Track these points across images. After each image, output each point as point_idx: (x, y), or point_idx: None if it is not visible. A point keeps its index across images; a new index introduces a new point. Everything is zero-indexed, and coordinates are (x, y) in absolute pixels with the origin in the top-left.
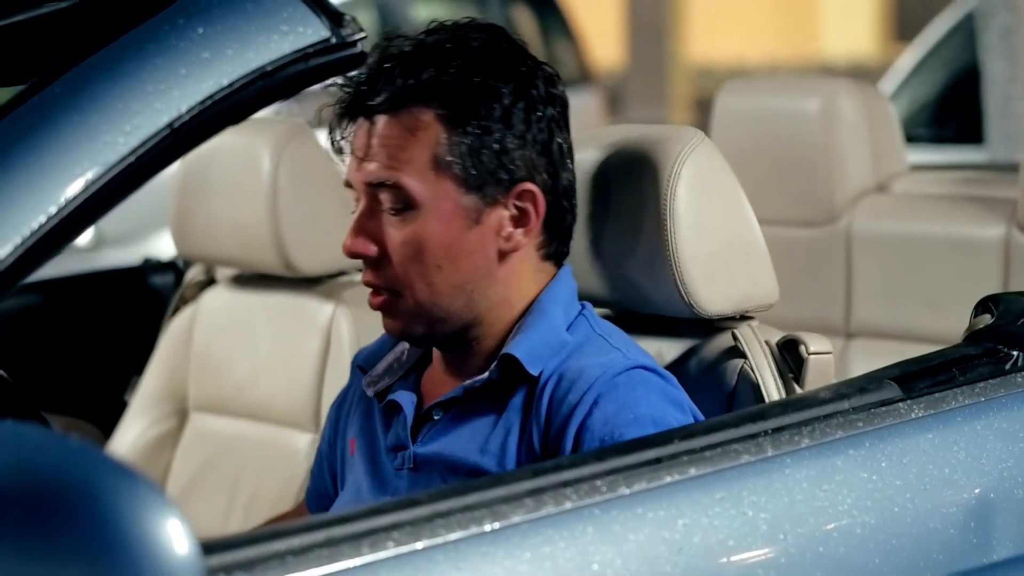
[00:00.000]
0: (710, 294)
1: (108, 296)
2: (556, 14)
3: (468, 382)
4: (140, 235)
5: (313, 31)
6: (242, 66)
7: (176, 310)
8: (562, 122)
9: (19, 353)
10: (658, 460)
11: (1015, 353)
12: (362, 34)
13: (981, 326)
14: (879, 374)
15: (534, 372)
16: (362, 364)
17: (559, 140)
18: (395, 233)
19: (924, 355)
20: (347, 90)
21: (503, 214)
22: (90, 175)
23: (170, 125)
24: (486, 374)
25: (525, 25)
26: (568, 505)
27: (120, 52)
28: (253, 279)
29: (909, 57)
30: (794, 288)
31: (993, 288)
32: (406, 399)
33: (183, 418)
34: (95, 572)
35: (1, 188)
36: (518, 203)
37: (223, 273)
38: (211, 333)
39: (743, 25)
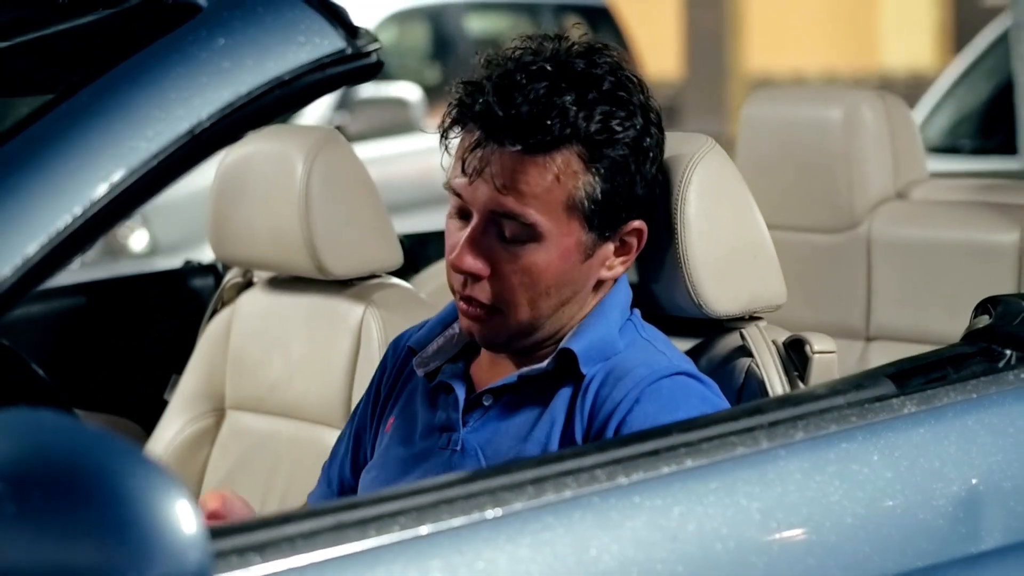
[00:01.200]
0: (719, 295)
1: (150, 298)
2: (609, 26)
3: (526, 369)
4: (193, 242)
5: (329, 42)
6: (261, 75)
7: (215, 311)
8: (662, 157)
9: (65, 352)
10: (656, 452)
11: (1008, 352)
12: (376, 45)
13: (979, 326)
14: (876, 372)
15: (585, 371)
16: (413, 345)
17: (659, 175)
18: (510, 258)
19: (921, 354)
20: (478, 102)
21: (610, 247)
22: (115, 178)
23: (191, 131)
24: (544, 364)
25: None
26: (568, 494)
27: (145, 62)
28: (288, 281)
29: (954, 69)
30: (817, 292)
31: (1007, 291)
32: (457, 382)
33: (220, 416)
34: (108, 549)
35: (31, 189)
36: (625, 238)
37: (260, 276)
38: (247, 334)
39: (802, 37)
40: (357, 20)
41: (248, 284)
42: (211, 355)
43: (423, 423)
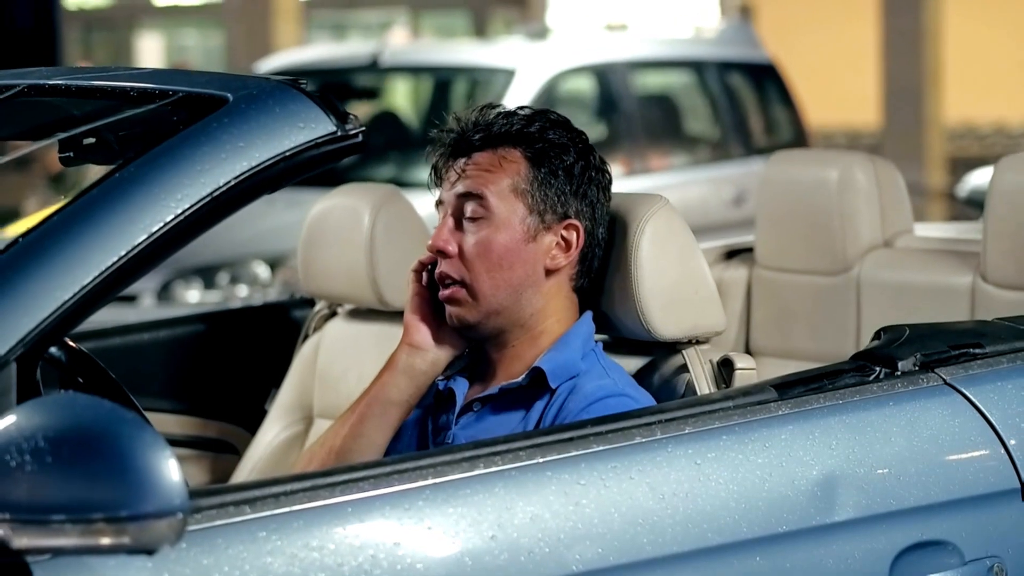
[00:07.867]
0: (665, 323)
1: (259, 325)
2: (774, 82)
3: (504, 383)
4: None
5: (323, 126)
6: (268, 151)
7: (306, 337)
8: (607, 190)
9: (187, 371)
10: (570, 439)
11: (879, 369)
12: (361, 128)
13: (866, 348)
14: (767, 383)
15: (552, 385)
16: None
17: (601, 200)
18: (470, 236)
19: (808, 369)
20: (451, 135)
21: (552, 239)
22: (152, 228)
23: (212, 194)
24: (519, 379)
25: (743, 93)
26: (494, 468)
27: (180, 142)
28: (363, 312)
29: None
30: (817, 325)
31: None
32: (458, 389)
33: (309, 423)
34: (115, 489)
35: (89, 235)
36: (564, 233)
37: (343, 308)
38: (331, 355)
39: (1003, 87)
40: (521, 81)
41: (332, 314)
42: (303, 373)
43: (430, 421)
